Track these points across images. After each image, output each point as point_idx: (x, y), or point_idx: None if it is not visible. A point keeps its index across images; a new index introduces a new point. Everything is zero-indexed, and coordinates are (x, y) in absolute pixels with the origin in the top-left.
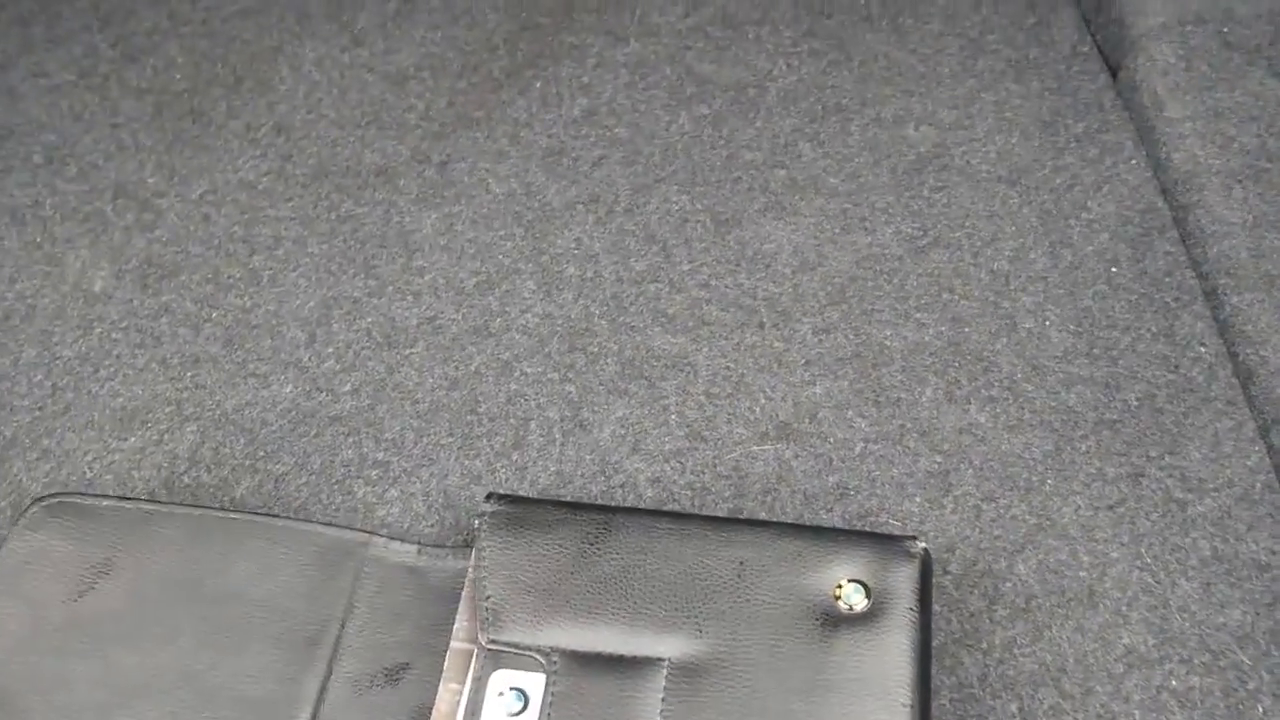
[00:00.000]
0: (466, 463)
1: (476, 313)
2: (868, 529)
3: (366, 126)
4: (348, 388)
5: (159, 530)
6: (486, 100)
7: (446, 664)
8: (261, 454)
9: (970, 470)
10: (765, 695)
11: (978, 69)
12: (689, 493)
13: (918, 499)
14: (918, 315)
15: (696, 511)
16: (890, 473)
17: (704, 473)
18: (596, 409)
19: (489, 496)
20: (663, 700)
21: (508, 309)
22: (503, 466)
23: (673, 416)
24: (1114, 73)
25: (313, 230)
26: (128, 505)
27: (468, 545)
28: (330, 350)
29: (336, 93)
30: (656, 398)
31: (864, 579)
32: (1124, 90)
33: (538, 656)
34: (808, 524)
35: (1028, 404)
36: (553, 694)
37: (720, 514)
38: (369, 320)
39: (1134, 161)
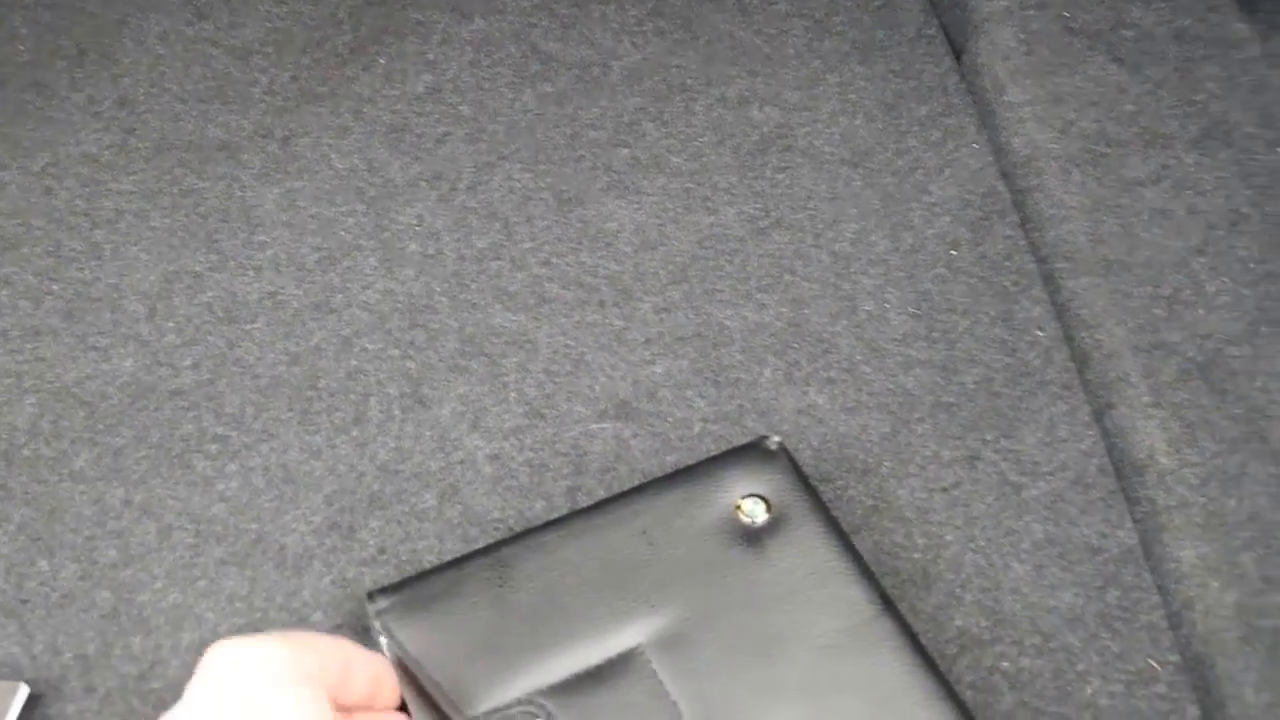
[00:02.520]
0: (306, 438)
1: (318, 288)
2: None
3: (210, 101)
4: (188, 362)
5: None
6: (330, 75)
7: None
8: (101, 427)
9: (809, 451)
10: (743, 629)
11: (823, 50)
12: (527, 469)
13: None
14: (759, 296)
15: (539, 497)
16: None
17: (543, 450)
18: (436, 386)
19: (371, 596)
20: (663, 682)
21: (349, 285)
22: (342, 442)
23: (512, 394)
24: (958, 56)
25: (155, 204)
26: None
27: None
28: (171, 324)
29: (180, 66)
30: (496, 375)
31: (755, 491)
32: (967, 74)
33: (527, 708)
34: (672, 470)
35: (866, 386)
36: None
37: (559, 491)
38: (210, 295)
39: (976, 145)
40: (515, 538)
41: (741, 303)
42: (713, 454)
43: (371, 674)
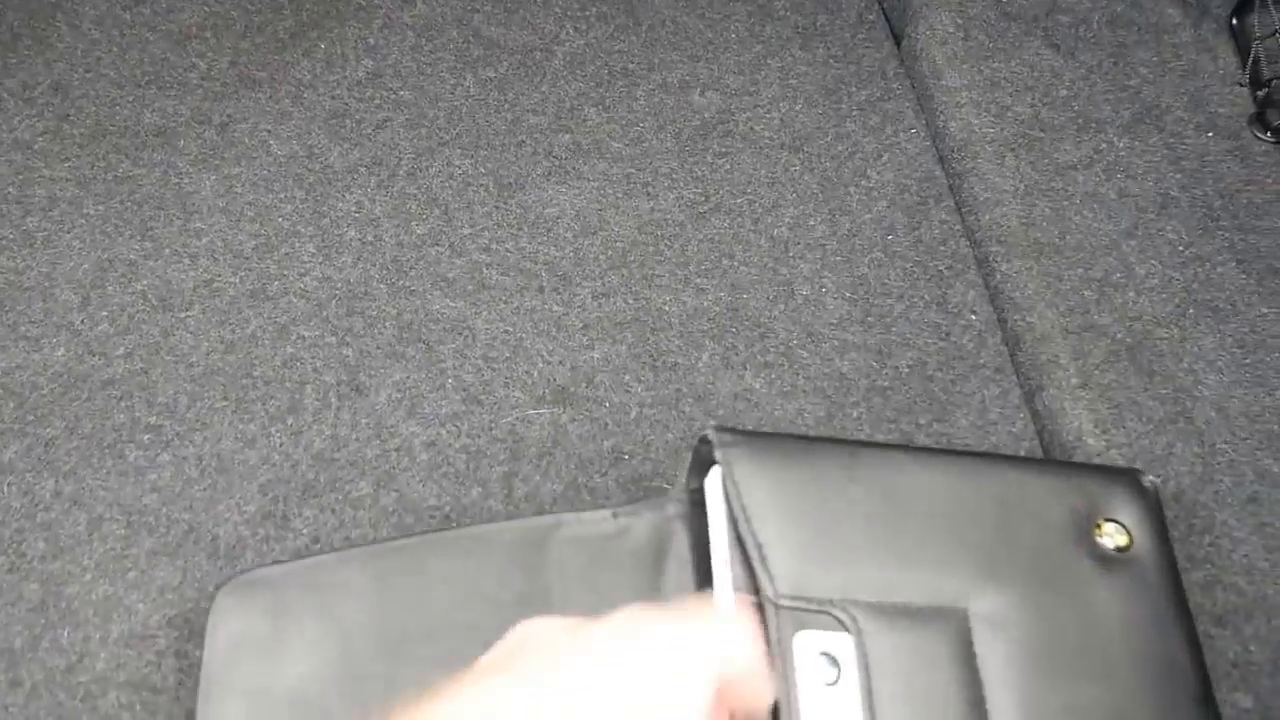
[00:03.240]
0: (240, 427)
1: (254, 276)
2: (1106, 463)
3: (146, 86)
4: (121, 351)
5: (344, 579)
6: (270, 61)
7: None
8: (31, 418)
9: None
10: (1070, 643)
11: (765, 35)
12: (464, 456)
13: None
14: (697, 281)
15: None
16: (665, 437)
17: (479, 436)
18: (373, 373)
19: (718, 429)
20: (976, 655)
21: (286, 272)
22: (277, 431)
23: (450, 380)
24: (898, 41)
25: (89, 191)
26: (305, 564)
27: (656, 495)
28: (104, 313)
29: (116, 51)
30: (434, 361)
31: (1118, 518)
32: (906, 59)
33: (836, 613)
34: (1048, 459)
35: (802, 370)
36: (865, 658)
37: (495, 477)
38: (144, 283)
39: (914, 130)
40: (869, 443)
41: (680, 288)
42: (1070, 461)
43: None
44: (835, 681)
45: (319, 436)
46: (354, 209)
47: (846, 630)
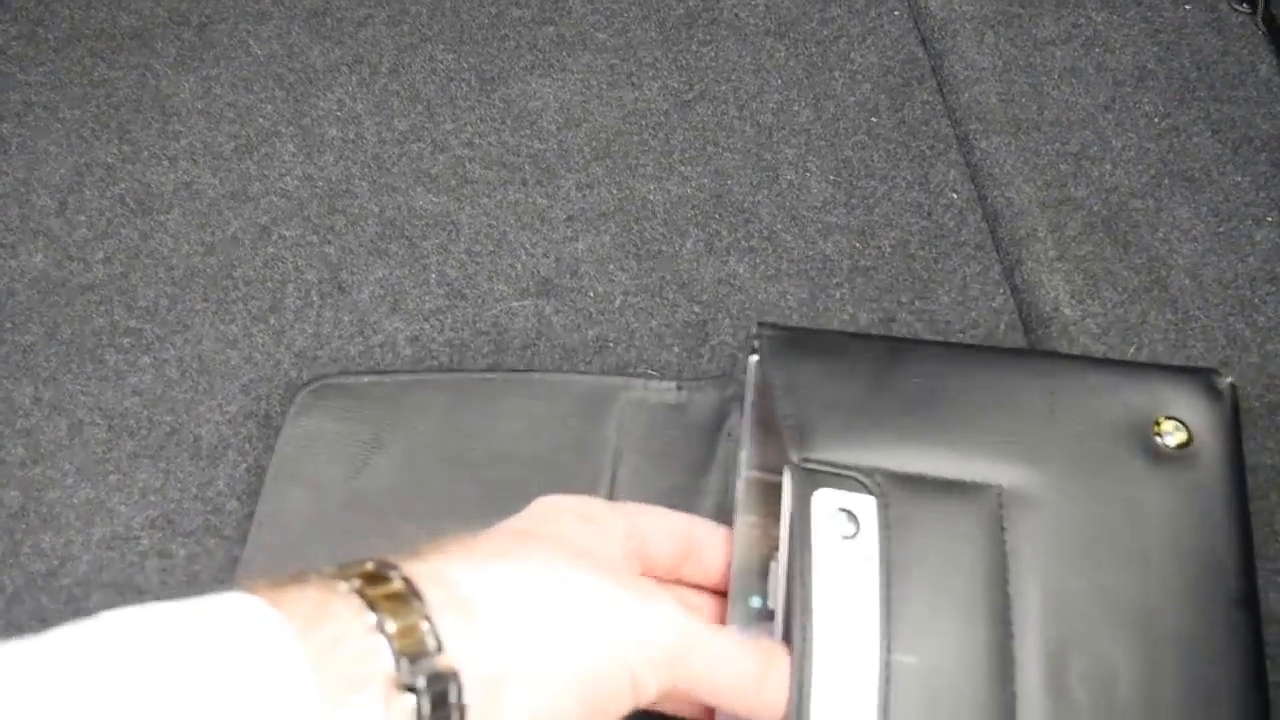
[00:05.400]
0: (221, 328)
1: (234, 177)
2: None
3: None
4: (100, 255)
5: (420, 399)
6: None
7: (741, 495)
8: (9, 325)
9: (727, 319)
10: (1107, 534)
11: None
12: (448, 350)
13: (675, 349)
14: (681, 169)
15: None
16: (649, 324)
17: (463, 330)
18: (355, 270)
19: (761, 325)
20: (1004, 530)
21: (266, 173)
22: (259, 330)
23: (433, 275)
24: None
25: (64, 95)
26: (387, 380)
27: (725, 376)
28: (82, 218)
29: None
30: (417, 257)
31: (1180, 416)
32: None
33: (860, 477)
34: (1117, 360)
35: (785, 254)
36: (887, 518)
37: (479, 369)
38: (123, 186)
39: (897, 12)
40: (908, 339)
41: (664, 176)
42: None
43: (681, 546)
44: (853, 536)
45: (301, 335)
46: (335, 107)
47: (870, 493)
